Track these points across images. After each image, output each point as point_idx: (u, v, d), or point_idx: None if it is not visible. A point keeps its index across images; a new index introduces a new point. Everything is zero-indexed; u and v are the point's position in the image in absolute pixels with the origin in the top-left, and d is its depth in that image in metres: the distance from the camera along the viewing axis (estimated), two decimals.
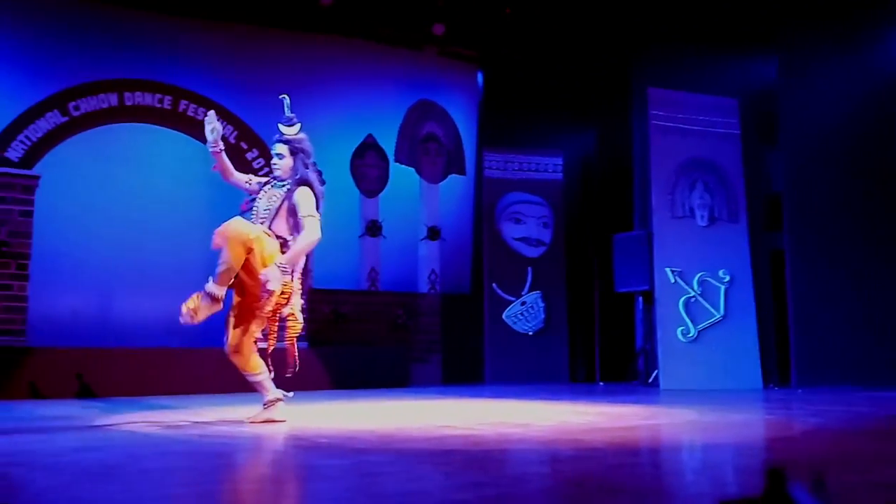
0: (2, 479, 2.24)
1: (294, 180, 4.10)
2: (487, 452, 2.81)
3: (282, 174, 4.14)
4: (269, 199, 4.11)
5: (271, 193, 4.13)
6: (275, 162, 4.17)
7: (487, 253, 8.79)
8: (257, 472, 2.54)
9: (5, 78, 7.30)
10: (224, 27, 8.35)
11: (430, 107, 9.29)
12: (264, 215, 4.05)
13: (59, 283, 7.12)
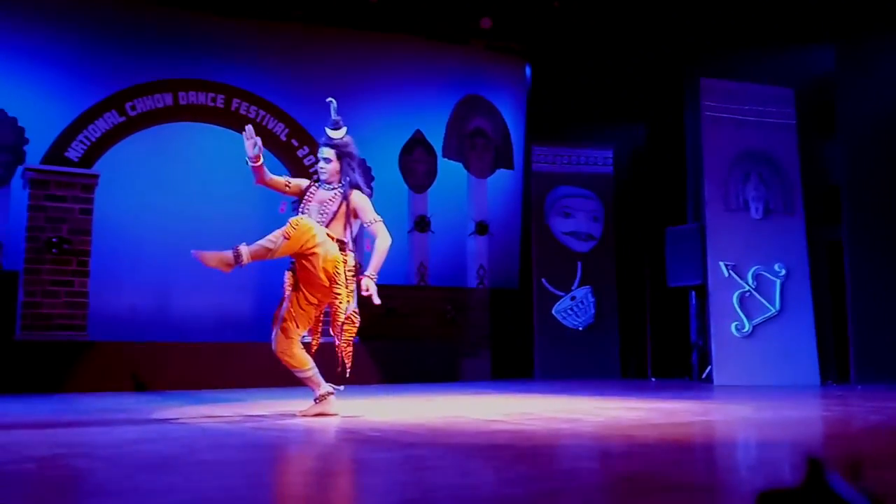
0: (65, 468, 2.32)
1: (345, 183, 4.12)
2: (537, 447, 2.80)
3: (328, 178, 4.15)
4: (320, 201, 4.11)
5: (322, 196, 4.13)
6: (322, 166, 4.16)
7: (536, 248, 8.75)
8: (309, 465, 2.58)
9: (65, 80, 7.53)
10: (275, 26, 8.48)
11: (477, 101, 9.28)
12: (320, 218, 4.04)
13: (117, 279, 7.33)
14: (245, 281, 7.33)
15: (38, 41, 7.51)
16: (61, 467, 2.33)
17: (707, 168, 7.60)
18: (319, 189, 4.16)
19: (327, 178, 4.14)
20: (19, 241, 6.72)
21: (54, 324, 6.54)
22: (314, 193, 4.15)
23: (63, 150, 6.86)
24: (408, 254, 8.68)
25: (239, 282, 7.48)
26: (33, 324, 6.49)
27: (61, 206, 6.71)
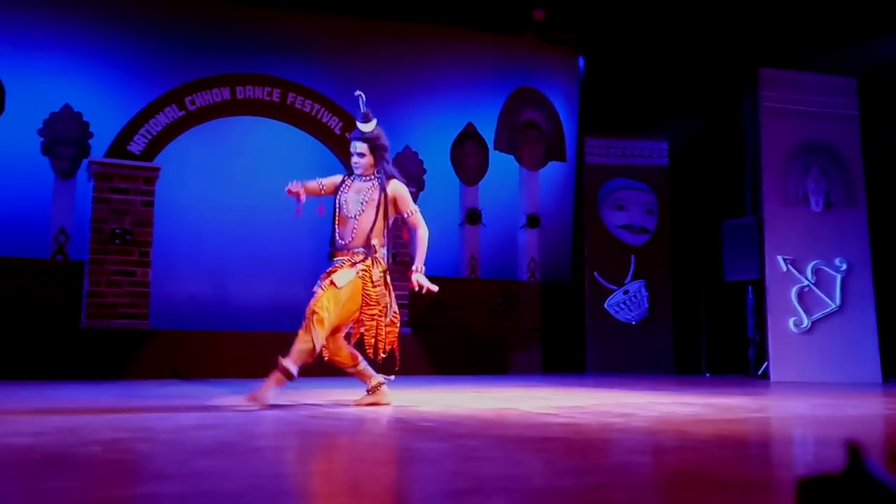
0: (128, 452, 2.40)
1: (381, 174, 4.08)
2: (588, 441, 2.79)
3: (363, 172, 4.09)
4: (358, 191, 4.05)
5: (360, 186, 4.07)
6: (356, 161, 4.09)
7: (588, 241, 8.69)
8: (361, 454, 2.62)
9: (128, 75, 7.74)
10: (330, 20, 8.57)
11: (529, 93, 9.23)
12: (359, 208, 4.00)
13: (177, 269, 7.52)
14: (299, 270, 7.45)
15: (101, 39, 7.74)
16: (124, 451, 2.42)
17: (765, 160, 7.44)
18: (355, 181, 4.11)
19: (362, 172, 4.09)
20: (84, 232, 6.95)
21: (117, 312, 6.75)
22: (350, 185, 4.10)
23: (126, 143, 7.06)
24: (459, 246, 8.70)
25: (293, 272, 7.61)
26: (98, 312, 6.71)
27: (124, 198, 6.91)
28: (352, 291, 3.85)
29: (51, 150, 7.18)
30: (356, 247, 3.96)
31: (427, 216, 7.55)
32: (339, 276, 3.85)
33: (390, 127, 8.44)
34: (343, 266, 3.90)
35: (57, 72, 7.51)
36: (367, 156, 4.07)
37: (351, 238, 3.97)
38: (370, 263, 3.93)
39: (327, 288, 3.83)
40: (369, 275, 3.90)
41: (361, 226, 3.97)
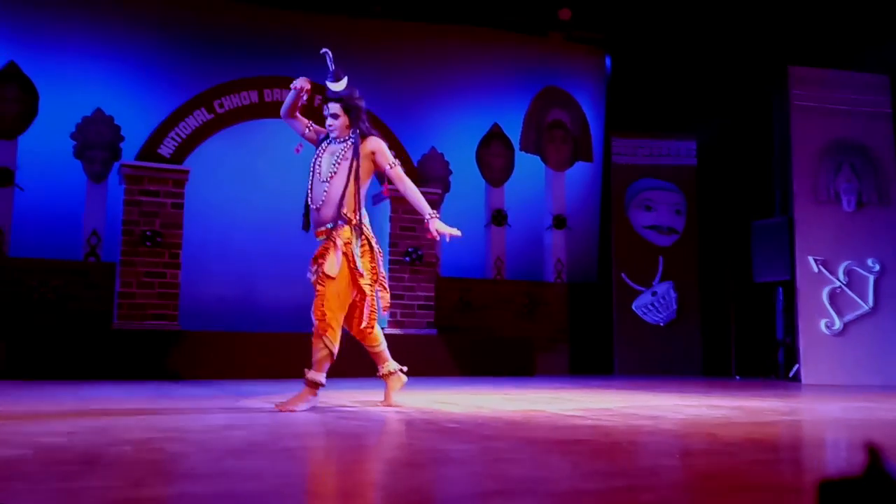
0: (159, 452, 2.43)
1: (355, 134, 3.93)
2: (616, 443, 2.78)
3: (339, 134, 3.95)
4: (331, 153, 3.92)
5: (333, 148, 3.94)
6: (330, 123, 3.95)
7: (616, 242, 8.64)
8: (388, 454, 2.63)
9: (158, 79, 7.84)
10: (356, 22, 8.61)
11: (556, 93, 9.21)
12: (331, 170, 3.86)
13: (207, 270, 7.61)
14: None
15: (132, 44, 7.85)
16: (155, 450, 2.45)
17: (796, 159, 7.35)
18: (330, 144, 3.97)
19: (338, 135, 3.95)
20: (116, 234, 7.05)
21: (148, 313, 6.84)
22: (325, 148, 3.97)
23: (156, 146, 7.15)
24: (484, 248, 8.70)
25: None
26: (129, 313, 6.80)
27: (154, 200, 7.01)
28: (344, 275, 3.78)
29: (83, 153, 7.30)
30: (328, 217, 3.83)
31: (453, 217, 7.56)
32: (329, 266, 3.75)
33: (416, 128, 8.54)
34: (329, 249, 3.79)
35: (89, 76, 7.63)
36: (341, 116, 3.93)
37: (322, 202, 3.84)
38: (350, 235, 3.83)
39: (326, 283, 3.75)
40: (351, 248, 3.81)
41: (333, 189, 3.83)
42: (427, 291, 7.83)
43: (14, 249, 6.96)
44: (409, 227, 7.85)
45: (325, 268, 3.76)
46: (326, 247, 3.81)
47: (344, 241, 3.80)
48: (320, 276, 3.77)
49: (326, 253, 3.79)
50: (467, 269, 8.55)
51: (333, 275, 3.75)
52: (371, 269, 3.90)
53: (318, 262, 3.79)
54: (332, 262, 3.76)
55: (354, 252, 3.82)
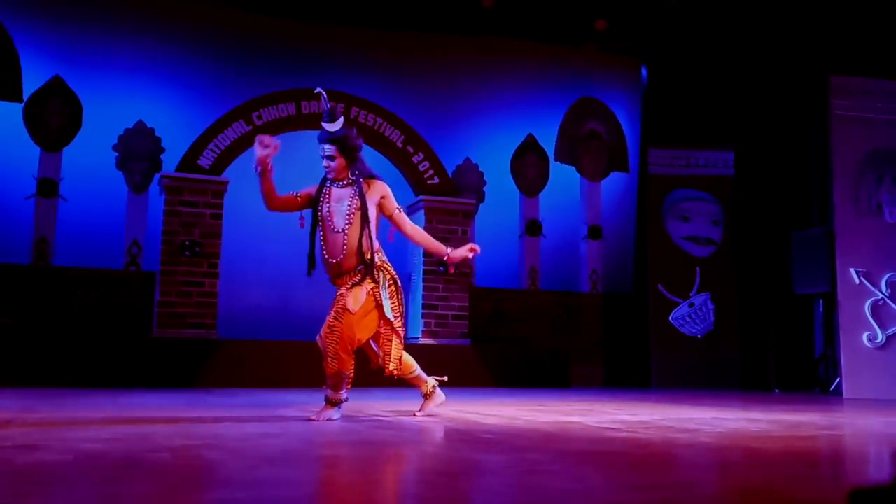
0: (196, 459, 2.47)
1: (357, 176, 3.78)
2: (652, 456, 2.75)
3: (337, 175, 3.78)
4: (339, 201, 3.76)
5: (339, 195, 3.77)
6: (326, 164, 3.77)
7: (652, 252, 8.57)
8: (422, 464, 2.63)
9: (198, 92, 7.98)
10: (391, 35, 8.69)
11: (591, 104, 9.18)
12: (344, 223, 3.73)
13: (244, 280, 7.70)
14: None
15: (173, 57, 8.00)
16: (193, 458, 2.48)
17: (836, 170, 7.23)
18: (333, 189, 3.80)
19: (335, 177, 3.78)
20: (156, 244, 7.18)
21: (187, 322, 6.94)
22: (329, 193, 3.80)
23: (196, 158, 7.27)
24: (519, 258, 8.68)
25: None
26: (168, 322, 6.91)
27: (194, 210, 7.12)
28: (366, 309, 3.72)
29: (125, 164, 7.45)
30: (351, 266, 3.74)
31: (487, 227, 7.66)
32: (353, 302, 3.68)
33: (451, 139, 8.57)
34: (352, 290, 3.72)
35: (131, 89, 7.80)
36: (337, 158, 3.76)
37: (342, 256, 3.74)
38: (376, 278, 3.77)
39: (343, 319, 3.68)
40: (379, 292, 3.75)
41: (351, 241, 3.72)
42: (461, 301, 7.83)
43: (58, 258, 7.12)
44: (444, 237, 7.86)
45: (347, 303, 3.69)
46: (350, 289, 3.74)
47: (370, 285, 3.75)
48: (338, 311, 3.70)
49: (349, 291, 3.72)
50: (501, 280, 8.54)
51: (354, 310, 3.68)
52: (400, 311, 3.87)
53: (340, 299, 3.74)
54: (356, 299, 3.69)
55: (383, 296, 3.76)
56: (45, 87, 7.31)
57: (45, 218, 7.14)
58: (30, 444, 2.65)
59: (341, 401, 3.81)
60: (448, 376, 4.20)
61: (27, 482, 1.98)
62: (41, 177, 7.21)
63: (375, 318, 3.78)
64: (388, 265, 3.86)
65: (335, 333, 3.70)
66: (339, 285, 3.81)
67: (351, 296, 3.70)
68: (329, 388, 3.80)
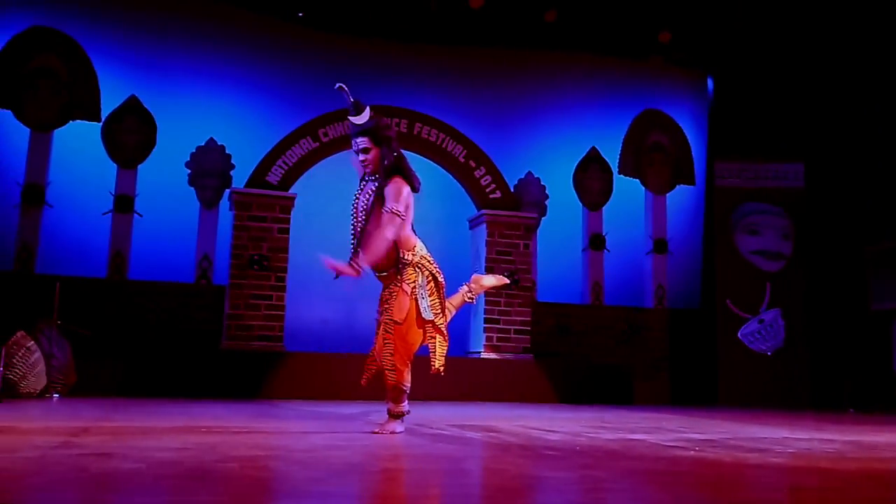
0: (263, 469, 2.52)
1: (383, 169, 3.65)
2: (720, 476, 2.69)
3: (374, 168, 3.70)
4: (366, 196, 3.73)
5: (368, 190, 3.73)
6: (362, 159, 3.70)
7: (720, 267, 8.39)
8: (485, 480, 2.63)
9: (266, 109, 8.19)
10: (453, 51, 8.76)
11: (655, 116, 9.07)
12: (363, 217, 3.71)
13: (311, 293, 7.83)
14: None
15: (242, 75, 8.23)
16: (260, 468, 2.53)
17: None
18: (368, 183, 3.74)
19: (372, 169, 3.70)
20: (225, 258, 7.37)
21: (255, 335, 7.10)
22: (362, 189, 3.76)
23: (264, 174, 7.45)
24: (582, 273, 8.61)
25: None
26: (237, 334, 7.08)
27: (262, 225, 7.30)
28: (413, 315, 3.68)
29: (196, 181, 7.68)
30: (385, 264, 3.70)
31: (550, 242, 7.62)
32: (398, 311, 3.65)
33: (513, 153, 8.57)
34: (394, 294, 3.69)
35: (202, 108, 8.04)
36: (372, 149, 3.67)
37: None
38: (414, 275, 3.71)
39: (395, 331, 3.65)
40: (416, 291, 3.69)
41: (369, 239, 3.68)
42: (523, 316, 7.79)
43: (133, 272, 7.37)
44: (506, 251, 7.86)
45: (394, 314, 3.66)
46: (392, 291, 3.72)
47: (410, 285, 3.71)
48: (389, 324, 3.68)
49: (392, 298, 3.71)
50: (564, 295, 8.48)
51: (402, 321, 3.66)
52: (441, 308, 3.81)
53: (386, 308, 3.72)
54: (401, 307, 3.66)
55: (420, 295, 3.71)
56: (121, 107, 7.60)
57: (121, 233, 7.40)
58: (106, 451, 2.75)
59: (403, 413, 3.83)
60: (510, 391, 4.18)
61: (103, 489, 2.05)
62: (118, 193, 7.48)
63: (422, 321, 3.75)
64: (427, 260, 3.79)
65: (389, 346, 3.71)
66: (383, 283, 3.83)
67: (396, 305, 3.68)
68: (390, 402, 3.81)
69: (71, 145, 7.47)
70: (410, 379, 3.77)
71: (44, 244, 7.20)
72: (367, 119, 3.71)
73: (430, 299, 3.74)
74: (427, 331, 3.76)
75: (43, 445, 2.91)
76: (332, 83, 9.06)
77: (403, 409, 3.82)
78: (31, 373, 5.79)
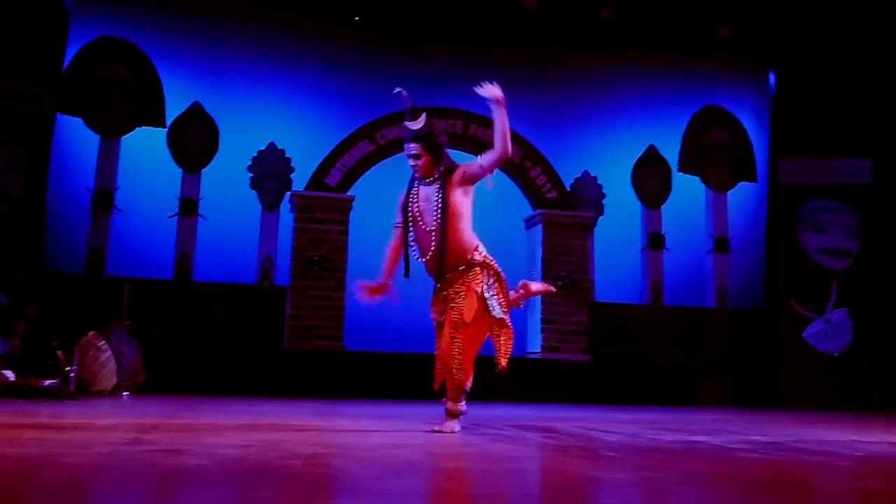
0: (325, 467, 2.57)
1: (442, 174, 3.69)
2: (786, 480, 2.63)
3: (424, 174, 3.73)
4: (427, 199, 3.71)
5: (427, 194, 3.72)
6: (412, 164, 3.74)
7: (784, 266, 8.20)
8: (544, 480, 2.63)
9: (324, 113, 8.32)
10: (509, 52, 8.75)
11: (715, 112, 8.91)
12: (435, 219, 3.68)
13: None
14: None
15: (301, 81, 8.38)
16: (322, 465, 2.58)
17: None
18: (421, 188, 3.76)
19: (422, 175, 3.73)
20: (286, 260, 7.52)
21: (315, 334, 7.22)
22: (418, 192, 3.76)
23: (323, 176, 7.58)
24: (641, 272, 8.51)
25: None
26: (298, 334, 7.22)
27: (322, 227, 7.43)
28: (479, 315, 3.69)
29: (258, 184, 7.86)
30: (451, 265, 3.70)
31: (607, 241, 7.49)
32: (467, 311, 3.65)
33: (569, 152, 8.52)
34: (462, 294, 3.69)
35: (263, 112, 8.21)
36: (423, 156, 3.71)
37: (435, 254, 3.71)
38: (481, 275, 3.71)
39: (463, 331, 3.66)
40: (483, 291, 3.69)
41: (445, 239, 3.68)
42: (580, 317, 7.75)
43: (197, 274, 7.57)
44: (562, 251, 7.82)
45: (463, 314, 3.65)
46: (460, 291, 3.72)
47: (479, 285, 3.71)
48: (457, 323, 3.68)
49: (460, 299, 3.70)
50: (623, 295, 8.39)
51: (470, 321, 3.67)
52: (507, 306, 3.81)
53: (454, 308, 3.71)
54: (470, 307, 3.66)
55: (489, 294, 3.71)
56: (185, 113, 7.81)
57: (186, 236, 7.61)
58: (174, 448, 2.84)
59: (461, 413, 3.85)
60: (568, 392, 4.17)
61: (171, 484, 2.12)
62: (183, 197, 7.69)
63: (487, 320, 3.77)
64: (490, 260, 3.80)
65: (457, 346, 3.72)
66: (444, 285, 3.82)
67: (465, 305, 3.68)
68: (449, 401, 3.84)
69: (138, 151, 7.71)
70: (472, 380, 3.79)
71: (112, 247, 7.45)
72: (422, 125, 3.75)
73: (497, 298, 3.75)
74: (493, 329, 3.77)
75: (115, 441, 3.02)
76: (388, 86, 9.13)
77: (461, 408, 3.84)
78: (102, 371, 6.00)
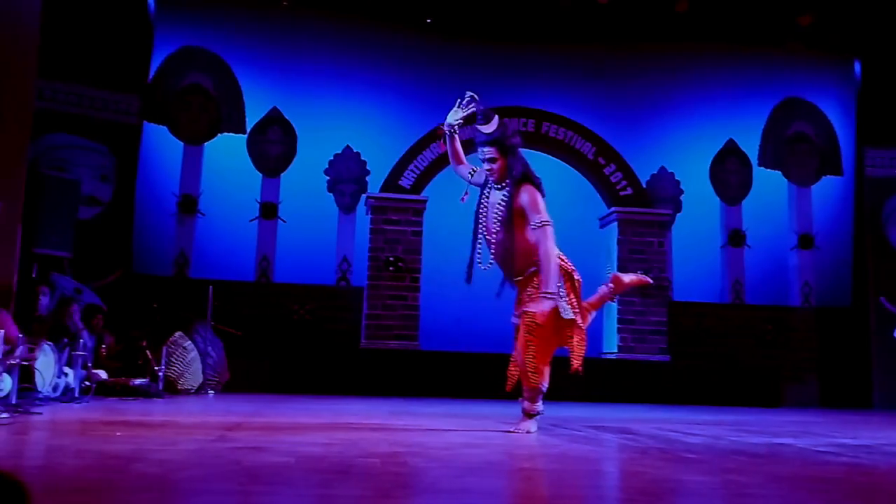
0: (403, 465, 2.61)
1: (512, 179, 3.68)
2: (877, 485, 2.54)
3: (498, 177, 3.74)
4: (494, 205, 3.75)
5: (494, 199, 3.76)
6: (487, 168, 3.74)
7: (872, 262, 7.88)
8: (623, 482, 2.61)
9: (397, 116, 8.42)
10: (580, 48, 8.66)
11: (797, 104, 8.62)
12: (495, 229, 3.73)
13: (443, 293, 7.98)
14: None
15: (374, 84, 8.50)
16: (400, 464, 2.62)
17: None
18: (493, 191, 3.78)
19: (497, 178, 3.74)
20: (363, 261, 7.64)
21: (391, 334, 7.33)
22: (488, 195, 3.79)
23: (397, 178, 7.68)
24: (721, 270, 8.31)
25: None
26: (375, 334, 7.34)
27: (396, 228, 7.53)
28: (553, 316, 3.67)
29: (335, 187, 8.01)
30: (520, 269, 3.72)
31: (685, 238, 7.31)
32: (540, 314, 3.62)
33: (644, 148, 8.38)
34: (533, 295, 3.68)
35: (338, 116, 8.36)
36: (498, 160, 3.71)
37: (502, 259, 3.74)
38: None
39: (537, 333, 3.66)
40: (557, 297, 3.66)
41: (508, 244, 3.71)
42: (659, 316, 7.61)
43: (277, 275, 7.77)
44: (638, 249, 7.70)
45: (536, 317, 3.65)
46: (531, 293, 3.73)
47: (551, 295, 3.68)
48: (531, 326, 3.68)
49: (532, 301, 3.70)
50: (702, 293, 8.20)
51: (543, 323, 3.66)
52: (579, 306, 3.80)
53: (527, 311, 3.72)
54: (542, 310, 3.65)
55: (560, 295, 3.69)
56: (264, 119, 8.03)
57: (267, 238, 7.83)
58: (257, 445, 2.92)
59: (538, 413, 3.85)
60: (646, 392, 4.11)
61: (255, 481, 2.19)
62: (263, 201, 7.91)
63: (562, 322, 3.76)
64: (562, 260, 3.77)
65: (532, 348, 3.74)
66: (519, 288, 3.85)
67: (538, 309, 3.67)
68: (526, 401, 3.84)
69: (220, 157, 7.96)
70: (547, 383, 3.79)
71: (196, 250, 7.72)
72: (495, 128, 3.75)
73: (568, 298, 3.75)
74: (566, 331, 3.78)
75: (201, 439, 3.14)
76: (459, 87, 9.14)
77: (538, 409, 3.84)
78: (188, 370, 6.23)
